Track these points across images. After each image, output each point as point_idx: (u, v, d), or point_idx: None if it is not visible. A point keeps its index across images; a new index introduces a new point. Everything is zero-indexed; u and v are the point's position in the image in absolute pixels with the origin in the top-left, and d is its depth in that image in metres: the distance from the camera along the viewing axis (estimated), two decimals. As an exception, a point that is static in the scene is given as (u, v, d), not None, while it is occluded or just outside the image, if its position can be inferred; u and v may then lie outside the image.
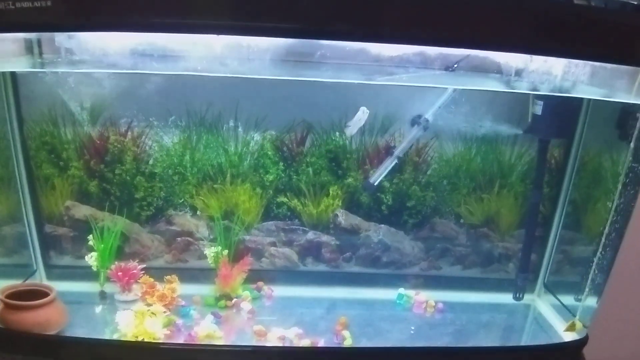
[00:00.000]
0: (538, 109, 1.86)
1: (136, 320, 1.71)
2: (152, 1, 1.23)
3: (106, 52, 1.51)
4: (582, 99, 1.90)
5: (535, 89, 1.71)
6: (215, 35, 1.38)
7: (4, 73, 1.78)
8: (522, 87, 1.71)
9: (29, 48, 1.68)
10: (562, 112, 1.89)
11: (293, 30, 1.30)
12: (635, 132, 1.67)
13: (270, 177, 1.98)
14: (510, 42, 1.36)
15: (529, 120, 1.92)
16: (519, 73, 1.68)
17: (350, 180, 2.00)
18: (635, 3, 1.42)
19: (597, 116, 1.93)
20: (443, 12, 1.29)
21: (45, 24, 1.28)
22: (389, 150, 1.94)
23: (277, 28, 1.28)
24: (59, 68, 1.72)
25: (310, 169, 1.99)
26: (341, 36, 1.35)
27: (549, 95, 1.79)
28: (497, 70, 1.69)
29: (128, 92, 1.81)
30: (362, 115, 1.84)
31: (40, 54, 1.69)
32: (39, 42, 1.67)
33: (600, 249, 1.80)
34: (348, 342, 1.75)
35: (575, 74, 1.60)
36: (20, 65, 1.72)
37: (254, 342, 1.74)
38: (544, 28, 1.34)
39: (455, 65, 1.61)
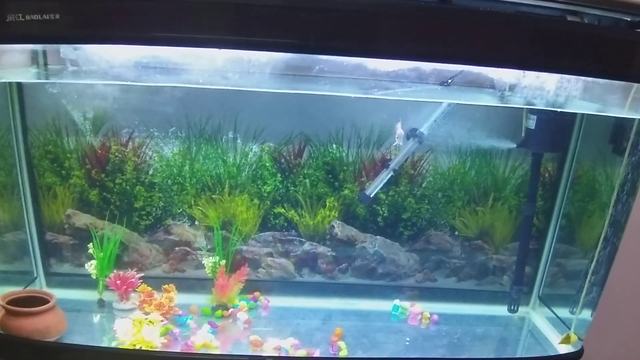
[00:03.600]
0: (531, 123, 1.89)
1: (134, 328, 1.73)
2: (156, 15, 1.26)
3: (110, 64, 1.53)
4: (575, 113, 1.93)
5: (528, 104, 1.74)
6: (217, 49, 1.40)
7: (10, 83, 1.81)
8: (516, 102, 1.74)
9: (34, 59, 1.72)
10: (555, 126, 1.91)
11: (292, 45, 1.32)
12: (628, 146, 1.70)
13: (268, 188, 2.00)
14: (504, 58, 1.38)
15: (523, 134, 1.94)
16: (512, 88, 1.71)
17: (346, 192, 2.02)
18: (628, 20, 1.46)
19: (590, 130, 1.95)
20: (438, 28, 1.32)
21: (53, 36, 1.32)
22: (384, 163, 1.97)
23: (277, 43, 1.30)
24: (63, 79, 1.75)
25: (307, 181, 2.01)
26: (339, 51, 1.37)
27: (542, 109, 1.81)
28: (491, 85, 1.72)
29: (130, 103, 1.85)
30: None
31: (45, 64, 1.72)
32: (44, 53, 1.71)
33: (594, 262, 1.81)
34: (344, 353, 1.75)
35: (568, 89, 1.62)
36: (27, 76, 1.75)
37: (250, 352, 1.74)
38: (537, 44, 1.36)
39: (450, 81, 1.64)
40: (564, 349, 1.85)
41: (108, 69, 1.54)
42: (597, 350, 1.88)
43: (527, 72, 1.63)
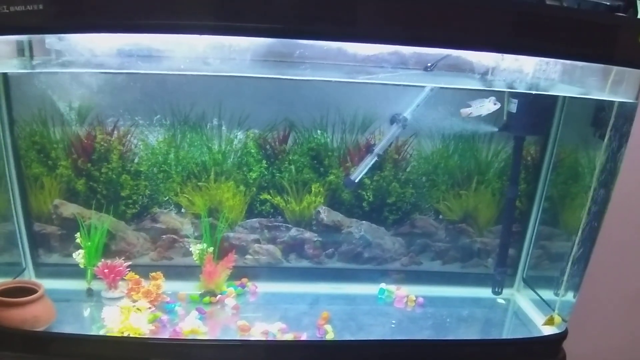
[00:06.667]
0: (513, 107, 1.90)
1: (122, 316, 1.74)
2: (138, 3, 1.27)
3: (94, 53, 1.54)
4: (556, 97, 1.95)
5: (509, 87, 1.75)
6: (198, 35, 1.41)
7: (-4, 76, 1.81)
8: (498, 86, 1.74)
9: (20, 51, 1.71)
10: (537, 110, 1.93)
11: (273, 30, 1.34)
12: (609, 129, 1.72)
13: (254, 175, 2.01)
14: (483, 42, 1.41)
15: (505, 118, 1.95)
16: (493, 72, 1.71)
17: (331, 177, 2.03)
18: (608, 4, 1.47)
19: (572, 114, 1.97)
20: (419, 12, 1.33)
21: (37, 26, 1.32)
22: (369, 148, 1.98)
23: (257, 28, 1.32)
24: (49, 69, 1.76)
25: (292, 167, 2.02)
26: (321, 36, 1.39)
27: (523, 93, 1.83)
28: (471, 69, 1.72)
29: (115, 92, 1.85)
30: (488, 104, 1.83)
31: (32, 56, 1.71)
32: (30, 44, 1.70)
33: (576, 244, 1.83)
34: (330, 336, 1.77)
35: (547, 72, 1.63)
36: (13, 66, 1.75)
37: (238, 337, 1.75)
38: (517, 27, 1.38)
39: (429, 65, 1.64)
40: (548, 331, 1.87)
41: (92, 58, 1.54)
42: (582, 331, 1.91)
43: (508, 56, 1.63)
